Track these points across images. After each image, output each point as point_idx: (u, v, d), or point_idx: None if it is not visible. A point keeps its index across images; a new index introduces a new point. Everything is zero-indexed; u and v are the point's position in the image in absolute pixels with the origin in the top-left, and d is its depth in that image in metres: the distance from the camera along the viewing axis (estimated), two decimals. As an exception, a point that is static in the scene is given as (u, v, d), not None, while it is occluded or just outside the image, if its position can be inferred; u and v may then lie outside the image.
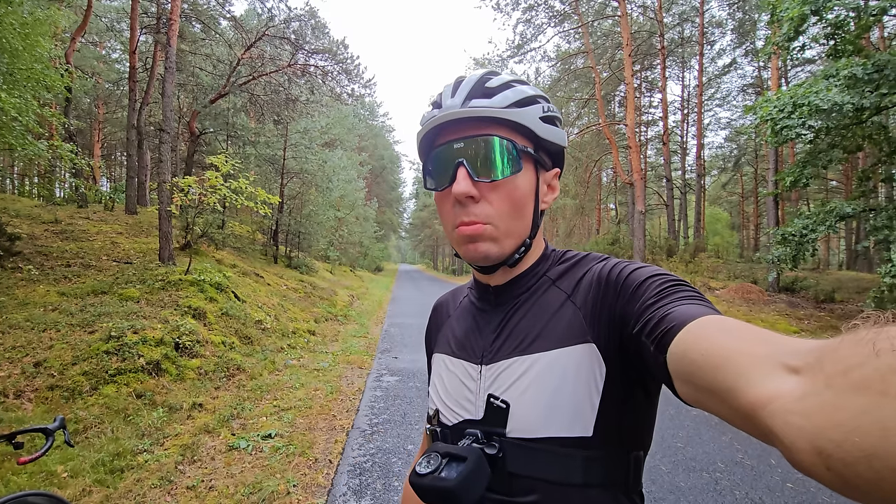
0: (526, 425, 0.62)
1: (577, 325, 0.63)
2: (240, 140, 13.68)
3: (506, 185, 0.65)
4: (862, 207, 9.02)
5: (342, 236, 21.74)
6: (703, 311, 0.48)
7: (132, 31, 11.03)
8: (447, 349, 0.78)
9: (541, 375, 0.63)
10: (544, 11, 19.17)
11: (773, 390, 0.33)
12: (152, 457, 3.44)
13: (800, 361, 0.33)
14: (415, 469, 0.60)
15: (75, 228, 8.51)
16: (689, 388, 0.44)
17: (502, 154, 0.64)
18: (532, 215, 0.68)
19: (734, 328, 0.42)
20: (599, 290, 0.63)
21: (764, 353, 0.36)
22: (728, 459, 3.56)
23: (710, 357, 0.40)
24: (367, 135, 37.94)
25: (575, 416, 0.60)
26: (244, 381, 5.27)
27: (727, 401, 0.37)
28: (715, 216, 28.66)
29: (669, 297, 0.53)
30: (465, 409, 0.69)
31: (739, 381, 0.36)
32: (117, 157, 26.33)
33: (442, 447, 0.62)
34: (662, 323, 0.49)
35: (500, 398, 0.65)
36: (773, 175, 14.13)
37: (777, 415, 0.31)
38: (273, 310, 8.01)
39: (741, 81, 24.31)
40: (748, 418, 0.35)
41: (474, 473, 0.58)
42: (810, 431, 0.28)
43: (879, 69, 7.63)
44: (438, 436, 0.72)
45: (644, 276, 0.59)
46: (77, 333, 4.91)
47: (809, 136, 9.09)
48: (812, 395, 0.29)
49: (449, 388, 0.74)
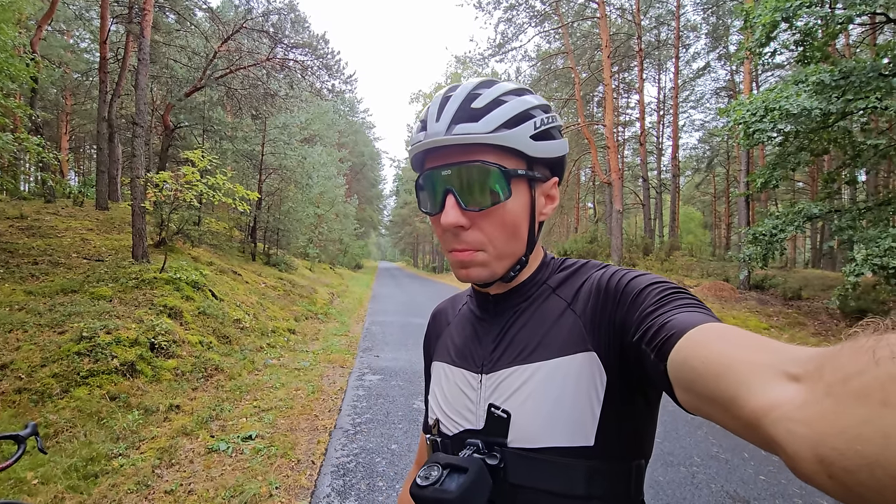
0: (527, 435, 0.62)
1: (577, 334, 0.63)
2: (216, 135, 13.35)
3: (496, 212, 0.64)
4: (828, 209, 9.39)
5: (322, 233, 21.47)
6: (703, 318, 0.48)
7: (103, 21, 10.63)
8: (447, 358, 0.78)
9: (542, 385, 0.63)
10: (525, 11, 19.30)
11: (774, 399, 0.33)
12: (128, 461, 3.35)
13: (800, 369, 0.33)
14: (415, 481, 0.59)
15: (42, 224, 8.18)
16: (690, 396, 0.44)
17: (490, 182, 0.63)
18: (528, 234, 0.68)
19: (734, 336, 0.42)
20: (599, 299, 0.63)
21: (764, 360, 0.36)
22: (704, 454, 3.67)
23: (711, 365, 0.40)
24: (347, 131, 37.53)
25: (576, 426, 0.60)
26: (223, 381, 5.17)
27: (728, 409, 0.37)
28: (689, 215, 29.39)
29: (669, 305, 0.53)
30: (466, 418, 0.69)
31: (741, 390, 0.36)
32: (86, 151, 25.38)
33: (443, 458, 0.61)
34: (662, 331, 0.49)
35: (501, 408, 0.64)
36: (744, 176, 14.56)
37: (779, 423, 0.31)
38: (252, 308, 7.87)
39: (714, 84, 25.01)
40: (750, 427, 0.35)
41: (476, 485, 0.57)
42: (812, 440, 0.28)
43: (845, 76, 7.95)
44: (439, 446, 0.72)
45: (644, 284, 0.59)
46: (46, 334, 4.73)
47: (779, 139, 9.42)
48: (813, 403, 0.30)
49: (449, 397, 0.73)
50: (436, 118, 0.64)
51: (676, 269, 16.13)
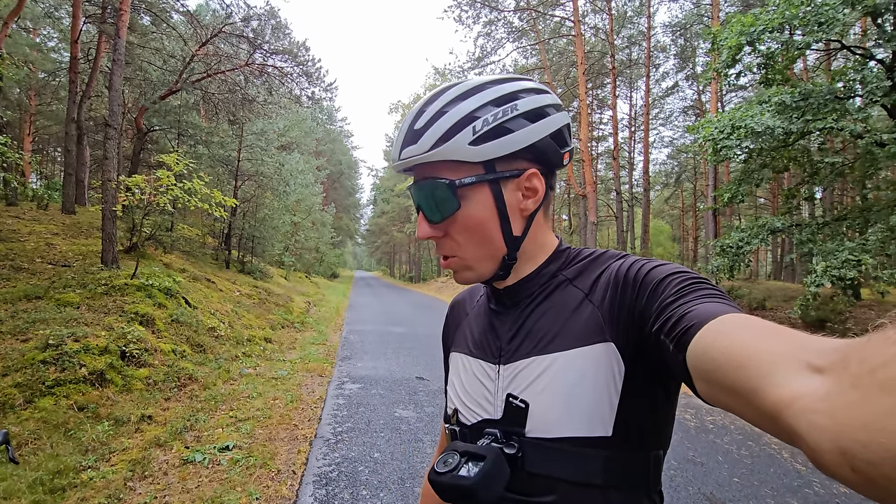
0: (545, 425, 0.62)
1: (595, 324, 0.63)
2: (191, 139, 13.05)
3: (455, 221, 0.67)
4: (789, 223, 9.86)
5: (298, 241, 21.15)
6: (725, 308, 0.47)
7: (74, 20, 10.32)
8: (464, 348, 0.78)
9: (560, 375, 0.63)
10: (504, 27, 19.76)
11: (796, 390, 0.32)
12: (98, 473, 3.21)
13: (824, 360, 0.32)
14: (434, 467, 0.60)
15: (3, 228, 7.80)
16: (710, 387, 0.43)
17: (438, 195, 0.66)
18: (502, 233, 0.67)
19: (756, 326, 0.42)
20: (618, 289, 0.62)
21: (787, 351, 0.36)
22: (680, 457, 3.77)
23: (732, 355, 0.40)
24: (324, 139, 37.27)
25: (594, 416, 0.60)
26: (197, 391, 5.02)
27: (750, 401, 0.37)
28: (658, 228, 30.27)
29: (690, 295, 0.53)
30: (484, 408, 0.69)
31: (762, 381, 0.35)
32: (50, 153, 24.38)
33: (461, 446, 0.62)
34: (682, 321, 0.48)
35: (520, 398, 0.65)
36: (711, 191, 15.17)
37: (801, 415, 0.31)
38: (226, 316, 7.68)
39: (682, 103, 26.04)
40: (771, 419, 0.34)
41: (493, 472, 0.58)
42: (835, 432, 0.27)
43: (805, 97, 8.43)
44: (458, 435, 0.72)
45: (664, 274, 0.59)
46: (8, 342, 4.50)
47: (743, 157, 9.88)
48: (837, 394, 0.29)
49: (467, 387, 0.73)
50: (398, 142, 0.68)
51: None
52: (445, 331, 0.90)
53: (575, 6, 17.30)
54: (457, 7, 18.67)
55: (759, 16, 8.57)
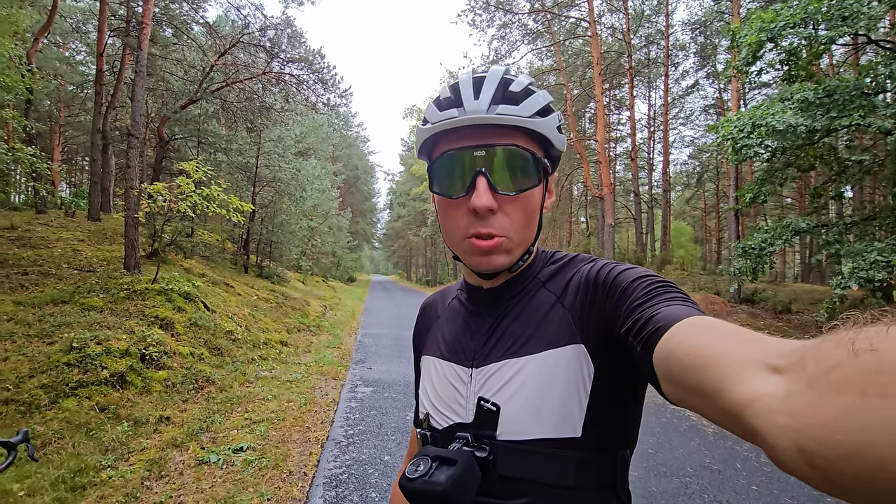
0: (516, 427, 0.62)
1: (566, 327, 0.64)
2: (211, 147, 13.38)
3: (524, 198, 0.64)
4: (815, 223, 9.56)
5: (315, 246, 21.42)
6: (690, 311, 0.48)
7: (100, 34, 10.70)
8: (437, 352, 0.78)
9: (531, 377, 0.63)
10: (518, 29, 19.72)
11: (756, 390, 0.33)
12: (116, 472, 3.30)
13: (783, 361, 0.33)
14: (405, 473, 0.59)
15: (33, 235, 8.11)
16: (675, 387, 0.44)
17: (524, 167, 0.63)
18: (538, 223, 0.69)
19: (719, 329, 0.43)
20: (588, 292, 0.64)
21: (748, 353, 0.37)
22: (697, 464, 3.68)
23: (696, 357, 0.41)
24: (341, 144, 37.72)
25: (564, 417, 0.60)
26: (214, 393, 5.11)
27: (713, 401, 0.38)
28: (679, 230, 29.71)
29: (657, 299, 0.54)
30: (456, 412, 0.69)
31: (724, 382, 0.36)
32: (78, 162, 25.28)
33: (432, 451, 0.62)
34: (649, 324, 0.50)
35: (491, 401, 0.65)
36: (733, 191, 14.81)
37: (761, 414, 0.32)
38: (244, 320, 7.81)
39: (703, 102, 25.51)
40: (733, 418, 0.35)
41: (465, 476, 0.58)
42: (794, 430, 0.29)
43: (829, 94, 8.18)
44: (429, 440, 0.72)
45: (632, 278, 0.60)
46: (35, 344, 4.67)
47: (766, 155, 9.62)
48: (795, 394, 0.30)
49: (439, 391, 0.73)
50: (473, 96, 0.63)
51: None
52: (416, 334, 0.90)
53: (590, 7, 17.17)
54: (470, 11, 18.72)
55: (779, 11, 8.36)
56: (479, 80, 0.65)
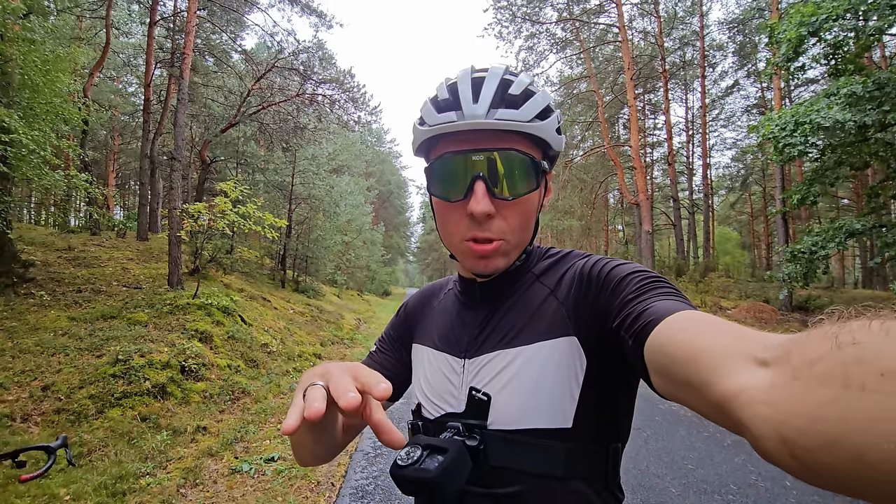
0: (507, 417, 0.62)
1: (559, 320, 0.64)
2: (249, 167, 13.99)
3: (522, 202, 0.64)
4: (872, 224, 8.92)
5: (349, 260, 21.86)
6: (680, 306, 0.49)
7: (147, 66, 11.48)
8: (429, 342, 0.78)
9: (523, 368, 0.63)
10: (546, 39, 19.69)
11: (743, 382, 0.34)
12: (154, 480, 3.43)
13: (769, 355, 0.34)
14: (395, 461, 0.59)
15: (87, 255, 8.68)
16: (665, 380, 0.45)
17: (522, 171, 0.63)
18: (535, 223, 0.69)
19: (709, 323, 0.44)
20: (581, 286, 0.64)
21: (736, 347, 0.37)
22: (741, 482, 3.45)
23: (685, 351, 0.41)
24: (374, 160, 38.58)
25: (555, 408, 0.61)
26: (249, 404, 5.25)
27: (701, 393, 0.38)
28: (724, 236, 28.42)
29: (648, 293, 0.55)
30: (448, 402, 0.70)
31: (712, 375, 0.37)
32: (131, 186, 27.00)
33: (423, 439, 0.62)
34: (641, 318, 0.50)
35: (482, 391, 0.65)
36: (780, 193, 14.08)
37: (746, 405, 0.32)
38: (279, 333, 8.02)
39: (745, 102, 24.49)
40: (720, 410, 0.36)
41: (455, 464, 0.58)
42: (776, 420, 0.29)
43: (880, 87, 7.67)
44: (420, 429, 0.72)
45: (625, 273, 0.60)
46: (85, 357, 4.95)
47: (815, 154, 9.10)
48: (779, 386, 0.30)
49: (432, 381, 0.74)
50: (472, 99, 0.62)
51: (712, 290, 15.52)
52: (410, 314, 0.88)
53: (619, 12, 16.96)
54: (497, 24, 18.86)
55: (820, 4, 7.98)
56: (478, 80, 0.64)
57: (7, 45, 6.30)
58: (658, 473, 3.53)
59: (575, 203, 23.39)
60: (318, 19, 13.28)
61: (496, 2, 18.49)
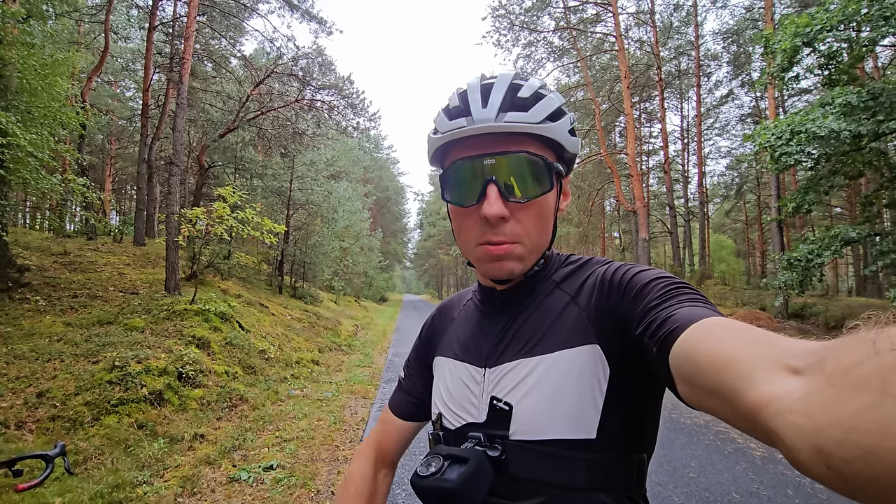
0: (529, 427, 0.61)
1: (580, 327, 0.63)
2: (247, 172, 13.97)
3: (537, 204, 0.64)
4: (867, 232, 9.00)
5: (347, 266, 21.81)
6: (707, 312, 0.48)
7: (146, 71, 11.48)
8: (450, 353, 0.78)
9: (544, 377, 0.62)
10: (543, 47, 19.85)
11: (774, 391, 0.33)
12: (151, 489, 3.37)
13: (801, 362, 0.33)
14: (416, 471, 0.59)
15: (83, 260, 8.61)
16: (691, 389, 0.44)
17: (534, 173, 0.63)
18: (553, 227, 0.69)
19: (737, 330, 0.42)
20: (603, 293, 0.63)
21: (766, 354, 0.36)
22: (743, 490, 3.44)
23: (713, 358, 0.40)
24: (372, 167, 38.62)
25: (578, 418, 0.59)
26: (247, 411, 5.20)
27: (729, 402, 0.37)
28: (720, 243, 28.58)
29: (673, 300, 0.53)
30: (469, 412, 0.69)
31: (742, 383, 0.36)
32: (127, 191, 26.89)
33: (444, 449, 0.62)
34: (665, 324, 0.49)
35: (504, 400, 0.64)
36: (775, 201, 14.20)
37: (778, 415, 0.31)
38: (277, 339, 7.97)
39: (739, 111, 24.78)
40: (750, 419, 0.35)
41: (476, 475, 0.57)
42: (811, 430, 0.28)
43: (874, 97, 7.78)
44: (441, 440, 0.72)
45: (648, 279, 0.59)
46: (81, 363, 4.89)
47: (809, 163, 9.19)
48: (813, 394, 0.29)
49: (452, 391, 0.73)
50: (482, 104, 0.63)
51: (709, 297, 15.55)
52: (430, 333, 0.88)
53: (616, 21, 17.12)
54: (495, 32, 19.01)
55: (814, 15, 8.09)
56: (487, 86, 0.65)
57: (6, 49, 6.28)
58: (660, 482, 3.52)
59: (572, 210, 23.52)
60: (318, 25, 13.34)
61: (494, 10, 18.66)
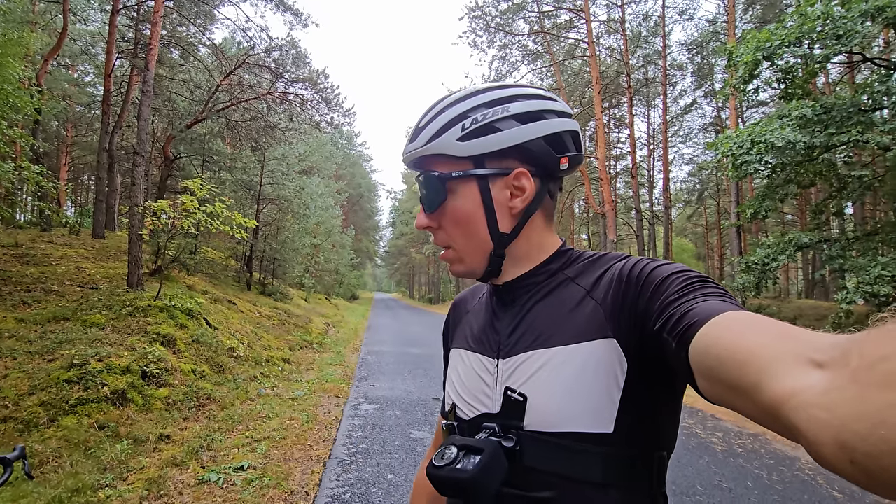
0: (544, 419, 0.61)
1: (597, 321, 0.63)
2: (215, 165, 13.52)
3: (447, 212, 0.70)
4: (818, 238, 9.56)
5: (318, 263, 21.44)
6: (727, 306, 0.47)
7: (108, 55, 10.94)
8: (464, 344, 0.78)
9: (560, 369, 0.62)
10: (518, 50, 20.09)
11: (797, 385, 0.32)
12: (114, 492, 3.24)
13: (825, 356, 0.32)
14: (432, 461, 0.59)
15: (37, 252, 8.14)
16: (712, 384, 0.43)
17: (433, 187, 0.70)
18: (489, 228, 0.69)
19: (758, 323, 0.42)
20: (621, 287, 0.62)
21: (788, 348, 0.36)
22: (707, 482, 3.60)
23: (734, 353, 0.40)
24: (344, 163, 38.08)
25: (595, 412, 0.59)
26: (215, 411, 5.05)
27: (751, 397, 0.37)
28: (681, 247, 29.71)
29: (692, 294, 0.53)
30: (482, 402, 0.69)
31: (763, 377, 0.35)
32: (84, 182, 25.55)
33: (459, 440, 0.61)
34: (684, 319, 0.48)
35: (518, 391, 0.64)
36: (734, 207, 14.87)
37: (800, 409, 0.31)
38: (246, 337, 7.77)
39: (702, 120, 25.80)
40: (771, 414, 0.34)
41: (491, 465, 0.57)
42: (834, 425, 0.28)
43: (827, 111, 8.26)
44: (455, 430, 0.71)
45: (667, 273, 0.59)
46: (35, 361, 4.64)
47: (766, 172, 9.69)
48: (837, 389, 0.29)
49: (465, 381, 0.73)
50: (411, 137, 0.73)
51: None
52: (446, 329, 0.91)
53: (588, 28, 17.50)
54: (471, 33, 19.10)
55: (774, 31, 8.51)
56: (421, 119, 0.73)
57: (-46, 26, 5.87)
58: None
59: (543, 211, 23.82)
60: (293, 17, 13.04)
61: (471, 11, 18.74)
